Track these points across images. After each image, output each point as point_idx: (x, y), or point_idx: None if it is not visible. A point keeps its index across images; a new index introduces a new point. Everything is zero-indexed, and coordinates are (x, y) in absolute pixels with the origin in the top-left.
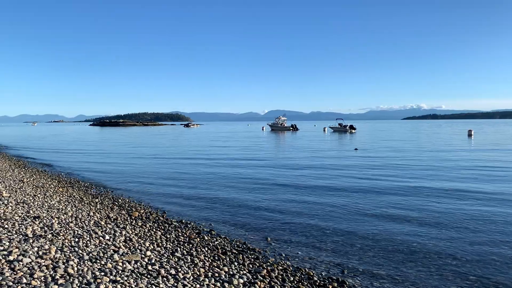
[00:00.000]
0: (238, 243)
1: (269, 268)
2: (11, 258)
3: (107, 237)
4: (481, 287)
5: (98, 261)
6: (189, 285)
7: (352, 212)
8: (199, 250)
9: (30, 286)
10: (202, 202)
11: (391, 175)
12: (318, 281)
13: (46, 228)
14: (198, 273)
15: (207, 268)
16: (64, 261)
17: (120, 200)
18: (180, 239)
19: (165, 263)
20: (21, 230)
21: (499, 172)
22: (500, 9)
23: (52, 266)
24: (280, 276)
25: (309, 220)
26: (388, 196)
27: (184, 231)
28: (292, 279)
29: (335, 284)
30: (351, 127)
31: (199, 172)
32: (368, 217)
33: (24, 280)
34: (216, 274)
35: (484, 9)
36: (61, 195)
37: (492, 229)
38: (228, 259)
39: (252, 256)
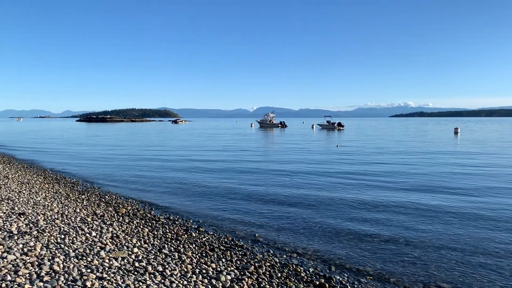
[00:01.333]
0: (226, 240)
1: (256, 264)
2: None
3: (93, 233)
4: (466, 281)
5: (84, 258)
6: (176, 282)
7: (340, 210)
8: (187, 246)
9: (15, 283)
10: (190, 199)
11: (377, 178)
12: (306, 277)
13: (31, 225)
14: (185, 269)
15: (195, 264)
16: (50, 258)
17: (107, 197)
18: (167, 236)
19: (152, 259)
20: (5, 226)
21: (482, 176)
22: (489, 8)
23: (37, 263)
24: (268, 273)
25: (297, 217)
26: (374, 194)
27: (172, 228)
28: (279, 275)
29: (322, 280)
30: (339, 124)
31: (187, 170)
32: (355, 214)
33: (9, 278)
34: (204, 271)
35: (472, 8)
36: (47, 192)
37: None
38: (215, 256)
39: (240, 253)
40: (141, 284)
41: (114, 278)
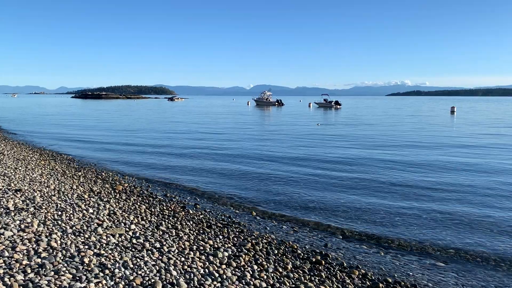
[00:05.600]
0: (223, 217)
1: (253, 241)
2: None
3: (90, 210)
4: (460, 254)
5: (81, 234)
6: (174, 258)
7: (335, 186)
8: (184, 224)
9: (13, 259)
10: (187, 176)
11: (373, 155)
12: (302, 254)
13: (28, 201)
14: (183, 246)
15: (192, 241)
16: (47, 234)
17: (103, 174)
18: (164, 213)
19: (150, 236)
20: (2, 203)
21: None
22: None
23: (35, 239)
24: (265, 249)
25: (293, 194)
26: (371, 169)
27: (169, 205)
28: (276, 252)
29: (318, 257)
30: (336, 102)
31: (184, 147)
32: (351, 191)
33: (6, 254)
34: (201, 248)
35: None
36: (43, 168)
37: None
38: (213, 233)
39: (237, 230)
40: (138, 260)
41: (112, 254)
